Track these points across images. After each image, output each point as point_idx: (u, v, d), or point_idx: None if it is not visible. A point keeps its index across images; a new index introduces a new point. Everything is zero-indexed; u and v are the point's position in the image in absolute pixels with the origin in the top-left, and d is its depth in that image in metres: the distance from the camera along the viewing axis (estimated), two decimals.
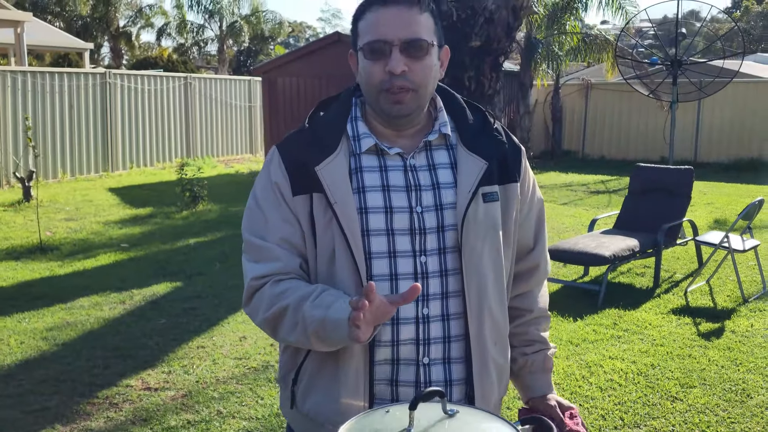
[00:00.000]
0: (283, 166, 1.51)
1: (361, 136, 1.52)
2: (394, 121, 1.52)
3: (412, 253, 1.49)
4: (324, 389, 1.51)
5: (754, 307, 5.77)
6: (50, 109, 12.68)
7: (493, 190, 1.54)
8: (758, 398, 4.09)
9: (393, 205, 1.49)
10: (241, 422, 3.65)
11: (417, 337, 1.50)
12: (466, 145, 1.54)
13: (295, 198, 1.48)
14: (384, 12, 1.46)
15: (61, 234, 8.46)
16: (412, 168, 1.52)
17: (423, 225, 1.49)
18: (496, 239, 1.54)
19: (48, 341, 4.88)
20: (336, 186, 1.46)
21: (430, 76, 1.49)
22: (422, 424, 1.10)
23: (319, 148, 1.49)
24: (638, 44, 16.00)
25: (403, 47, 1.44)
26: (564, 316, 5.51)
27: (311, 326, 1.39)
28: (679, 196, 6.92)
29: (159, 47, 34.36)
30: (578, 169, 15.28)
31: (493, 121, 1.59)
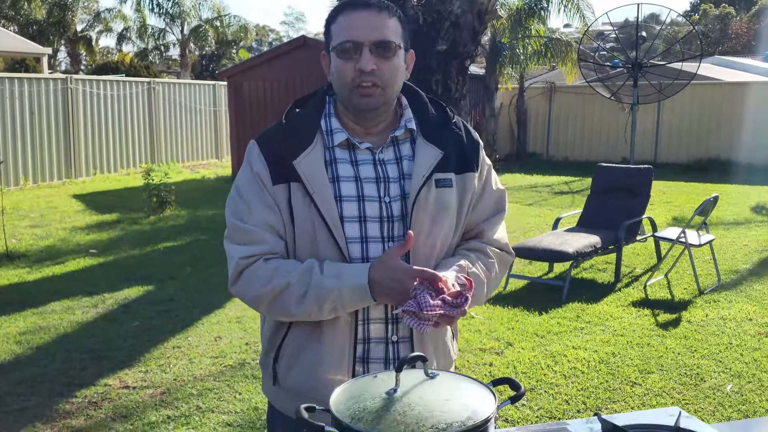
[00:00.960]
0: (262, 157, 1.64)
1: (334, 130, 1.66)
2: (363, 116, 1.66)
3: (381, 238, 1.63)
4: (307, 365, 1.64)
5: (709, 299, 6.03)
6: (10, 115, 12.56)
7: (448, 177, 1.67)
8: (711, 381, 4.31)
9: (365, 194, 1.63)
10: (220, 416, 3.75)
11: (386, 316, 1.65)
12: (426, 136, 1.68)
13: (275, 187, 1.61)
14: (355, 15, 1.60)
15: (27, 241, 8.42)
16: (380, 161, 1.67)
17: (391, 213, 1.64)
18: (446, 223, 1.67)
19: (22, 345, 4.91)
20: (314, 177, 1.60)
21: (396, 75, 1.63)
22: (407, 385, 1.24)
23: (296, 141, 1.63)
24: (600, 47, 16.38)
25: (372, 48, 1.58)
26: (530, 310, 5.70)
27: (327, 296, 1.53)
28: (639, 195, 7.18)
29: (119, 52, 33.98)
30: (543, 171, 15.59)
31: (453, 116, 1.74)
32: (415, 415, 1.15)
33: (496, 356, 4.70)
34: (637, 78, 13.62)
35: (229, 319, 5.43)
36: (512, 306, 5.81)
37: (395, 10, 1.64)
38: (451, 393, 1.23)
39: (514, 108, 17.55)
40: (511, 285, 6.43)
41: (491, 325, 5.32)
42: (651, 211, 10.36)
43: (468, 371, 4.42)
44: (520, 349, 4.83)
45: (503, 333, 5.16)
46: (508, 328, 5.28)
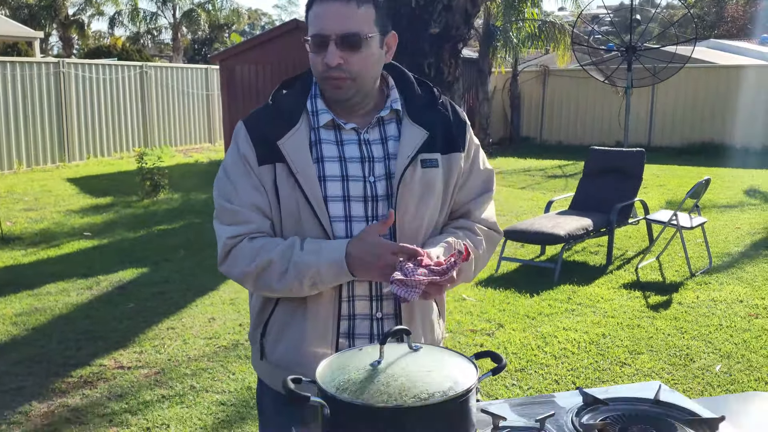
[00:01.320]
0: (249, 138, 1.66)
1: (320, 111, 1.68)
2: (338, 104, 1.68)
3: (365, 218, 1.66)
4: (293, 340, 1.69)
5: (700, 281, 6.09)
6: (2, 98, 12.52)
7: (434, 157, 1.69)
8: (700, 362, 4.37)
9: (349, 174, 1.66)
10: (214, 396, 3.79)
11: (370, 293, 1.68)
12: (412, 117, 1.70)
13: (261, 167, 1.64)
14: (325, 6, 1.59)
15: (22, 224, 8.43)
16: (366, 141, 1.69)
17: (375, 192, 1.66)
18: (432, 202, 1.70)
19: (18, 326, 4.94)
20: (297, 157, 1.63)
21: (368, 65, 1.63)
22: (391, 357, 1.28)
23: (282, 122, 1.66)
24: (594, 31, 16.37)
25: (338, 41, 1.57)
26: (521, 292, 5.75)
27: (307, 272, 1.57)
28: (632, 178, 7.22)
29: (112, 36, 33.79)
30: (536, 155, 15.61)
31: (440, 96, 1.75)
32: (398, 386, 1.19)
33: (487, 337, 4.75)
34: (631, 61, 13.63)
35: (223, 301, 5.47)
36: (504, 288, 5.85)
37: None
38: (433, 365, 1.27)
39: (507, 92, 17.53)
40: (503, 267, 6.48)
41: (483, 307, 5.37)
42: (644, 194, 10.41)
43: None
44: (511, 330, 4.88)
45: (494, 315, 5.21)
46: (499, 309, 5.33)
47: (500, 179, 12.41)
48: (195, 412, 3.62)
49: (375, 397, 1.17)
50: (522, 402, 1.55)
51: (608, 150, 7.72)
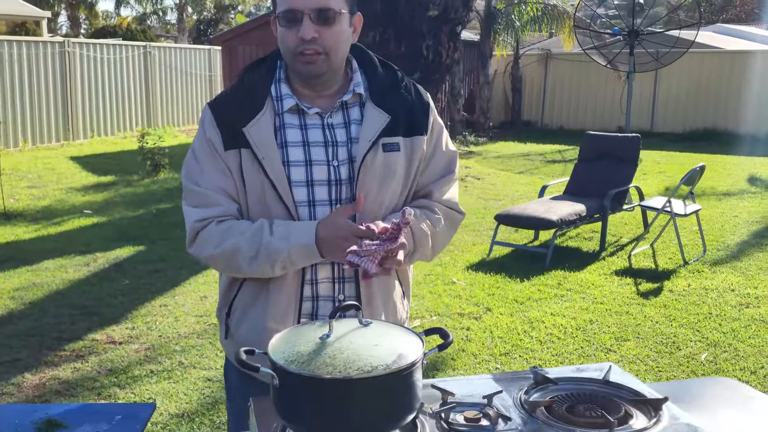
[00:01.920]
0: (215, 123, 1.70)
1: (284, 96, 1.71)
2: (309, 82, 1.70)
3: (329, 201, 1.69)
4: (255, 320, 1.73)
5: (693, 269, 6.12)
6: (9, 77, 12.56)
7: (395, 141, 1.71)
8: (686, 350, 4.42)
9: (312, 159, 1.69)
10: (201, 372, 3.87)
11: (333, 275, 1.72)
12: (374, 100, 1.72)
13: (227, 152, 1.68)
14: None
15: (24, 201, 8.51)
16: (329, 126, 1.71)
17: (339, 176, 1.69)
18: (394, 186, 1.73)
19: (15, 300, 5.03)
20: (262, 143, 1.66)
21: (340, 41, 1.66)
22: (340, 332, 1.33)
23: (247, 107, 1.68)
24: (596, 14, 16.28)
25: (312, 16, 1.60)
26: (512, 277, 5.80)
27: (277, 256, 1.61)
28: (627, 163, 7.24)
29: (118, 16, 33.78)
30: (537, 139, 15.60)
31: (403, 79, 1.78)
32: (344, 358, 1.24)
33: (474, 321, 4.81)
34: (634, 46, 13.58)
35: (216, 280, 5.47)
36: (495, 273, 5.90)
37: None
38: (380, 339, 1.32)
39: (509, 75, 17.47)
40: (495, 252, 6.52)
41: (472, 291, 5.42)
42: (643, 180, 10.43)
43: None
44: (499, 315, 4.94)
45: (483, 299, 5.26)
46: (488, 294, 5.38)
47: (498, 163, 12.43)
48: (181, 387, 3.69)
49: (321, 369, 1.22)
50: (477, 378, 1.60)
51: (603, 135, 7.74)
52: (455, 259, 6.34)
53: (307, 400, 1.25)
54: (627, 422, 1.38)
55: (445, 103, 14.61)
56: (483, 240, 6.94)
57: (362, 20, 1.74)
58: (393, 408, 1.28)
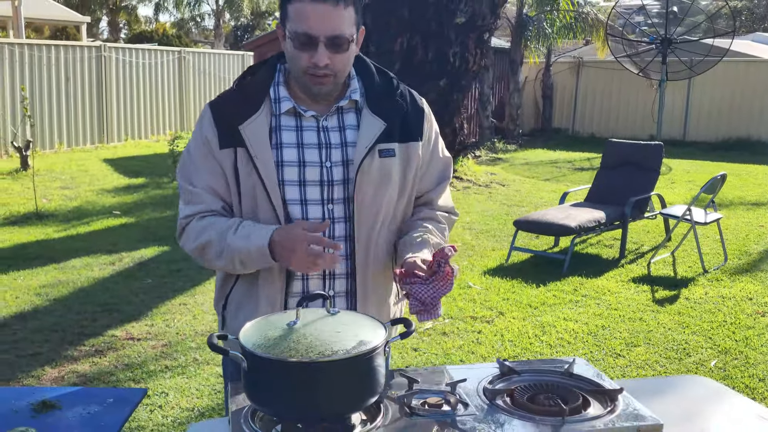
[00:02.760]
0: (213, 122, 1.78)
1: (282, 99, 1.78)
2: (314, 97, 1.77)
3: (321, 201, 1.77)
4: (249, 313, 1.80)
5: (712, 277, 6.09)
6: (47, 81, 12.92)
7: (391, 147, 1.78)
8: (696, 356, 4.42)
9: (306, 159, 1.76)
10: (214, 368, 3.98)
11: (324, 272, 1.79)
12: (371, 107, 1.79)
13: (222, 151, 1.75)
14: (313, 7, 1.63)
15: (56, 201, 8.76)
16: (324, 128, 1.78)
17: (331, 177, 1.77)
18: (390, 190, 1.79)
19: (41, 296, 5.21)
20: (257, 143, 1.74)
21: (349, 63, 1.75)
22: (308, 319, 1.41)
23: (245, 108, 1.76)
24: (628, 23, 16.18)
25: (327, 42, 1.65)
26: (528, 282, 5.83)
27: (236, 255, 1.69)
28: (649, 171, 7.21)
29: (157, 22, 34.47)
30: (566, 147, 15.54)
31: (398, 86, 1.84)
32: (307, 343, 1.33)
33: (486, 324, 4.86)
34: (666, 54, 13.48)
35: None
36: (511, 278, 5.94)
37: None
38: (345, 327, 1.40)
39: (540, 82, 17.43)
40: (514, 257, 6.55)
41: (487, 295, 5.47)
42: (671, 189, 10.37)
43: (456, 338, 4.59)
44: (511, 319, 4.98)
45: (497, 303, 5.31)
46: (503, 298, 5.42)
47: (525, 170, 12.42)
48: (194, 383, 3.81)
49: (284, 353, 1.31)
50: (446, 368, 1.67)
51: (625, 143, 7.72)
52: (473, 263, 6.38)
53: (272, 383, 1.33)
54: (582, 411, 1.44)
55: (474, 110, 14.63)
56: (503, 245, 6.98)
57: (364, 33, 1.79)
58: (355, 391, 1.36)
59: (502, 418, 1.42)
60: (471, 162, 11.72)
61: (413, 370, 1.63)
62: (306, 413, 1.35)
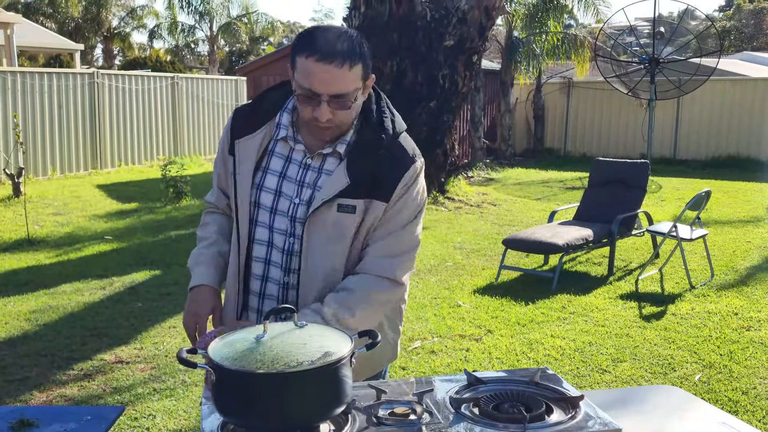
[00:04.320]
0: (230, 127, 1.93)
1: (282, 126, 1.86)
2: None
3: (284, 232, 1.86)
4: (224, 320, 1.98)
5: (699, 293, 6.14)
6: (40, 108, 13.01)
7: (352, 203, 1.77)
8: (681, 371, 4.45)
9: (282, 190, 1.85)
10: (202, 389, 4.00)
11: (278, 296, 1.89)
12: (349, 162, 1.79)
13: (229, 156, 1.91)
14: (319, 67, 1.67)
15: (48, 227, 8.79)
16: (306, 166, 1.85)
17: (295, 214, 1.84)
18: (340, 242, 1.80)
19: (31, 322, 5.23)
20: (244, 160, 1.85)
21: (352, 115, 1.79)
22: (275, 332, 1.46)
23: (249, 123, 1.88)
24: (617, 43, 16.37)
25: (330, 100, 1.70)
26: (517, 300, 5.87)
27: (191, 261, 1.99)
28: (636, 189, 7.29)
29: (152, 48, 34.72)
30: (558, 167, 15.65)
31: (388, 143, 1.80)
32: (273, 355, 1.37)
33: (474, 342, 4.89)
34: (654, 74, 13.64)
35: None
36: (500, 296, 5.98)
37: (359, 56, 1.70)
38: (311, 339, 1.44)
39: (531, 103, 17.59)
40: (504, 276, 6.60)
41: (476, 314, 5.51)
42: (660, 207, 10.45)
43: (444, 356, 4.62)
44: (499, 336, 5.01)
45: (486, 321, 5.34)
46: (492, 316, 5.46)
47: (516, 190, 12.50)
48: (182, 405, 3.83)
49: (251, 364, 1.35)
50: (414, 380, 1.71)
51: (612, 161, 7.82)
52: (463, 282, 6.43)
53: (240, 394, 1.37)
54: (545, 418, 1.49)
55: (466, 131, 14.75)
56: (492, 264, 7.02)
57: (374, 79, 1.80)
58: (322, 401, 1.41)
59: (467, 426, 1.46)
60: (463, 182, 11.79)
61: (382, 382, 1.67)
62: (274, 423, 1.39)
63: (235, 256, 1.90)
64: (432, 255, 7.36)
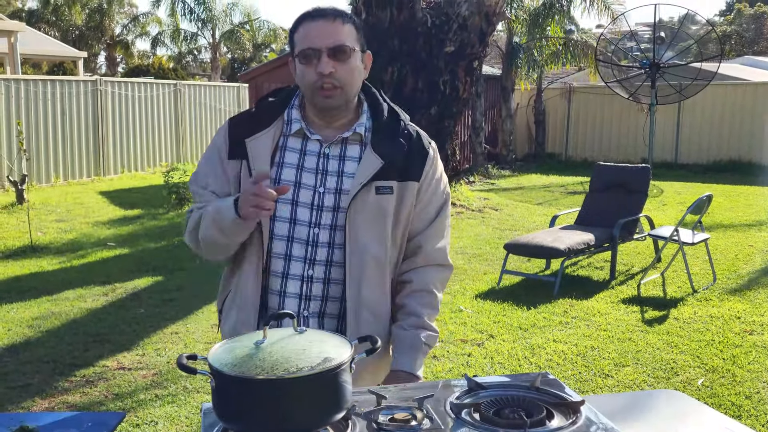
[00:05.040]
0: (227, 134, 1.91)
1: (293, 120, 1.90)
2: (326, 113, 1.87)
3: (308, 223, 1.86)
4: (231, 324, 1.92)
5: (701, 297, 6.13)
6: (43, 115, 13.05)
7: (389, 184, 1.85)
8: (684, 375, 4.44)
9: (302, 181, 1.86)
10: (204, 396, 4.00)
11: (300, 292, 1.87)
12: (374, 144, 1.86)
13: (230, 161, 1.88)
14: (313, 25, 1.80)
15: (51, 234, 8.81)
16: (325, 155, 1.87)
17: (322, 203, 1.85)
18: (382, 225, 1.85)
19: (33, 328, 5.24)
20: (258, 157, 1.85)
21: (354, 75, 1.84)
22: (275, 338, 1.46)
23: (256, 125, 1.88)
24: (618, 49, 16.38)
25: (330, 53, 1.78)
26: (519, 304, 5.87)
27: (211, 214, 1.80)
28: (637, 193, 7.30)
29: (155, 56, 34.82)
30: (559, 172, 15.65)
31: (405, 125, 1.91)
32: (273, 361, 1.37)
33: (476, 347, 4.89)
34: (655, 79, 13.65)
35: None
36: (502, 300, 5.98)
37: (349, 17, 1.84)
38: (310, 345, 1.44)
39: (532, 108, 17.60)
40: (505, 280, 6.60)
41: (478, 319, 5.50)
42: (662, 211, 10.44)
43: (446, 361, 4.62)
44: (501, 341, 5.01)
45: (488, 326, 5.34)
46: (494, 321, 5.46)
47: (518, 195, 12.50)
48: (184, 411, 3.83)
49: (251, 370, 1.35)
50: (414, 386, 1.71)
51: (613, 166, 7.83)
52: (465, 287, 6.42)
53: (239, 400, 1.37)
54: (545, 423, 1.48)
55: (467, 137, 14.76)
56: (494, 269, 7.02)
57: (372, 58, 1.91)
58: (321, 407, 1.40)
59: None
60: (464, 188, 11.80)
61: (382, 388, 1.67)
62: (274, 429, 1.39)
63: (255, 256, 1.87)
64: None
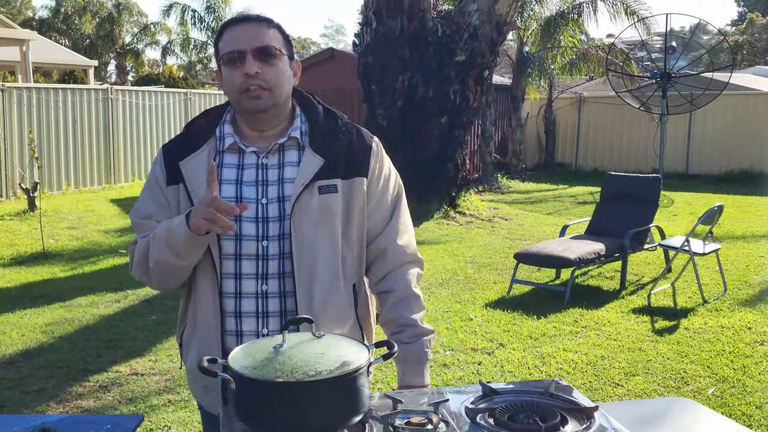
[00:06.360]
0: (163, 162, 1.86)
1: (226, 135, 1.85)
2: (256, 118, 1.82)
3: (255, 237, 1.80)
4: (192, 354, 1.88)
5: (712, 307, 6.12)
6: (54, 123, 13.16)
7: (332, 183, 1.80)
8: (694, 385, 4.44)
9: (243, 196, 1.81)
10: None
11: (257, 310, 1.82)
12: (312, 145, 1.82)
13: (169, 188, 1.83)
14: (237, 29, 1.78)
15: (63, 241, 8.87)
16: (263, 166, 1.83)
17: (266, 214, 1.81)
18: (330, 226, 1.81)
19: (47, 334, 5.28)
20: (195, 177, 1.80)
21: (282, 78, 1.78)
22: (293, 342, 1.49)
23: (189, 146, 1.84)
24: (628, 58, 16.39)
25: (255, 54, 1.74)
26: (529, 314, 5.88)
27: (162, 236, 1.74)
28: (647, 203, 7.30)
29: (165, 65, 35.06)
30: (569, 182, 15.65)
31: (342, 124, 1.88)
32: (292, 365, 1.40)
33: (487, 356, 4.90)
34: (666, 88, 13.66)
35: None
36: (512, 310, 5.99)
37: (276, 24, 1.82)
38: (328, 349, 1.47)
39: (542, 118, 17.62)
40: (516, 290, 6.61)
41: (488, 327, 5.52)
42: (673, 222, 10.43)
43: (456, 369, 4.63)
44: (511, 350, 5.02)
45: (498, 335, 5.35)
46: (504, 330, 5.47)
47: (528, 204, 12.51)
48: (196, 416, 3.85)
49: (270, 374, 1.38)
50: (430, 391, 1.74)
51: (624, 175, 7.84)
52: (475, 296, 6.44)
53: (259, 402, 1.40)
54: (559, 428, 1.50)
55: (477, 146, 14.79)
56: (504, 278, 7.03)
57: (301, 66, 1.89)
58: (339, 410, 1.43)
59: None
60: (474, 197, 11.82)
61: (398, 392, 1.70)
62: (292, 431, 1.41)
63: (209, 279, 1.82)
64: (443, 269, 7.38)
